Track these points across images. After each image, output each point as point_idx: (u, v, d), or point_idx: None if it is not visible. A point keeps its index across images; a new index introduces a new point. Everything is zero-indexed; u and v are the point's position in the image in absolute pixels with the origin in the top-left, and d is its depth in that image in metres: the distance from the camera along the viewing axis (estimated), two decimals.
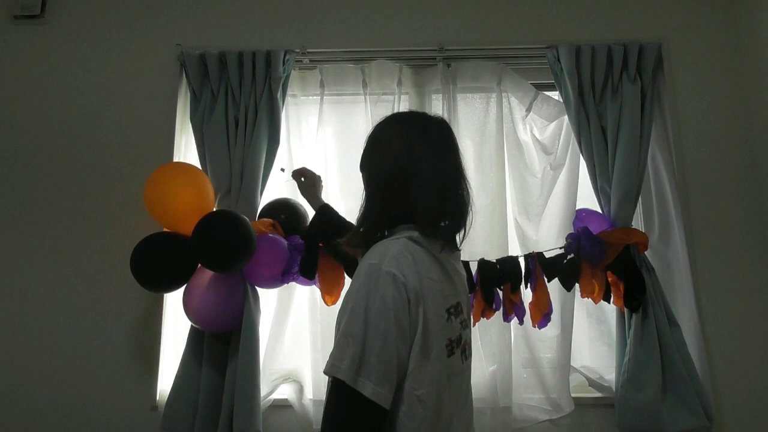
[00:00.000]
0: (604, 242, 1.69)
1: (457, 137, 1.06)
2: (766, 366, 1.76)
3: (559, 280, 1.69)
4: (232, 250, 1.50)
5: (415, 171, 0.96)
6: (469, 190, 1.02)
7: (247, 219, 1.58)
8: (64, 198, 1.89)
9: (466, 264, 1.67)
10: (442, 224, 0.98)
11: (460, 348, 0.97)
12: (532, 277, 1.68)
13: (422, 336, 0.87)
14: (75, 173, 1.91)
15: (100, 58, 1.99)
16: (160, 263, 1.56)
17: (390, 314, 0.84)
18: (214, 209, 1.76)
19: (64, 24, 2.03)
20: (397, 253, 0.90)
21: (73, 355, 1.79)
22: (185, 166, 1.72)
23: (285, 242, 1.69)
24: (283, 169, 1.80)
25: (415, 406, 0.87)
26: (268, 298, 1.80)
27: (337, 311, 0.92)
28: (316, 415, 1.72)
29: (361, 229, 1.01)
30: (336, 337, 0.89)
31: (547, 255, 1.71)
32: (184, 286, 1.63)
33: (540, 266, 1.69)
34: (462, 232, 1.03)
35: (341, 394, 0.84)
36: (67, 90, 1.97)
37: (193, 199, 1.61)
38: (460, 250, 1.06)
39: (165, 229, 1.65)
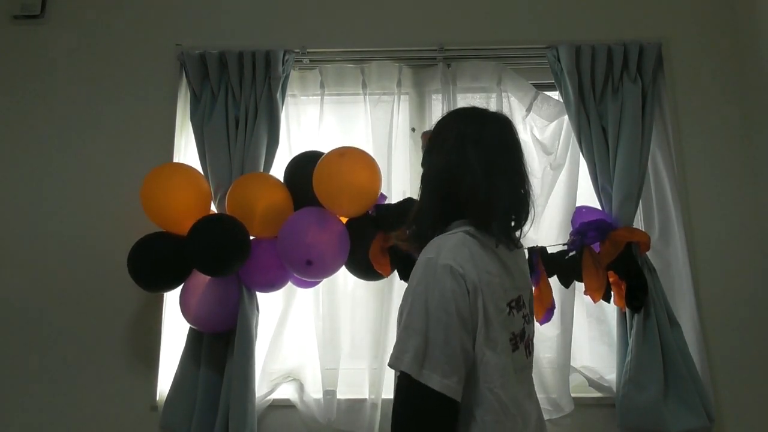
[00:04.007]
0: (604, 228, 1.69)
1: None
2: (766, 366, 1.76)
3: (557, 276, 1.69)
4: (224, 257, 1.50)
5: (466, 169, 0.95)
6: (529, 189, 1.01)
7: (242, 223, 1.56)
8: (64, 197, 1.89)
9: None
10: (496, 222, 0.96)
11: (524, 343, 0.97)
12: (535, 272, 1.67)
13: (484, 327, 0.87)
14: (74, 173, 1.91)
15: (100, 58, 1.99)
16: (155, 264, 1.57)
17: (451, 306, 0.84)
18: (215, 210, 1.77)
19: (64, 24, 2.02)
20: (453, 246, 0.91)
21: (73, 355, 1.79)
22: (181, 167, 1.72)
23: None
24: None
25: (489, 399, 0.86)
26: (270, 297, 1.81)
27: (338, 310, 0.93)
28: (319, 412, 1.73)
29: (414, 226, 1.02)
30: (397, 332, 0.90)
31: (550, 251, 1.71)
32: (181, 286, 1.63)
33: (542, 261, 1.69)
34: (522, 230, 1.03)
35: (409, 389, 0.84)
36: (67, 90, 1.97)
37: (189, 200, 1.61)
38: (521, 247, 1.06)
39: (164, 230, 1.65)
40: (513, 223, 1.00)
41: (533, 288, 1.67)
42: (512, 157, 1.00)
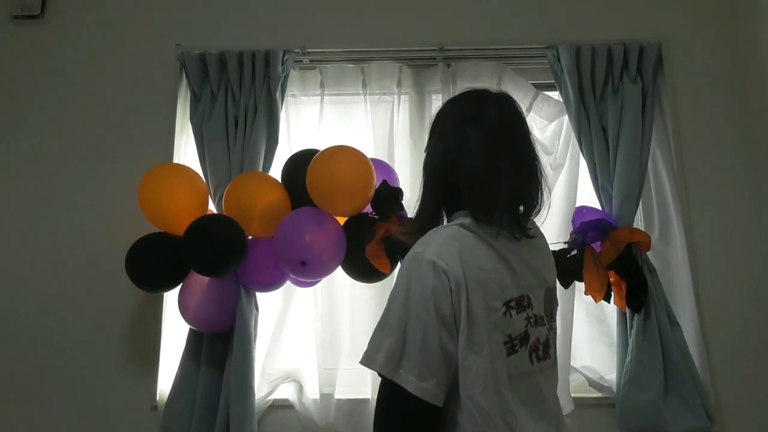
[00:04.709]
0: (604, 227, 1.69)
1: None
2: (766, 366, 1.76)
3: (557, 275, 1.69)
4: (219, 257, 1.49)
5: (465, 153, 0.89)
6: (540, 172, 0.93)
7: (238, 223, 1.56)
8: (64, 197, 1.89)
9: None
10: (498, 210, 0.88)
11: (527, 347, 0.88)
12: None
13: (467, 328, 0.81)
14: (75, 173, 1.91)
15: (100, 58, 1.99)
16: (153, 265, 1.57)
17: (430, 304, 0.80)
18: (213, 210, 1.77)
19: (64, 24, 2.03)
20: (442, 240, 0.85)
21: (73, 355, 1.79)
22: (178, 167, 1.72)
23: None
24: None
25: (468, 407, 0.80)
26: (270, 297, 1.81)
27: (337, 309, 0.89)
28: (318, 414, 1.73)
29: (417, 220, 0.97)
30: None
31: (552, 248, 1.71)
32: (179, 287, 1.63)
33: None
34: (535, 217, 0.95)
35: (385, 390, 0.81)
36: (67, 90, 1.97)
37: (186, 200, 1.61)
38: (534, 237, 0.95)
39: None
40: (523, 210, 0.92)
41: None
42: (517, 136, 0.92)
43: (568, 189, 1.83)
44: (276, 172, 1.77)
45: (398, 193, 1.62)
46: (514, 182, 0.89)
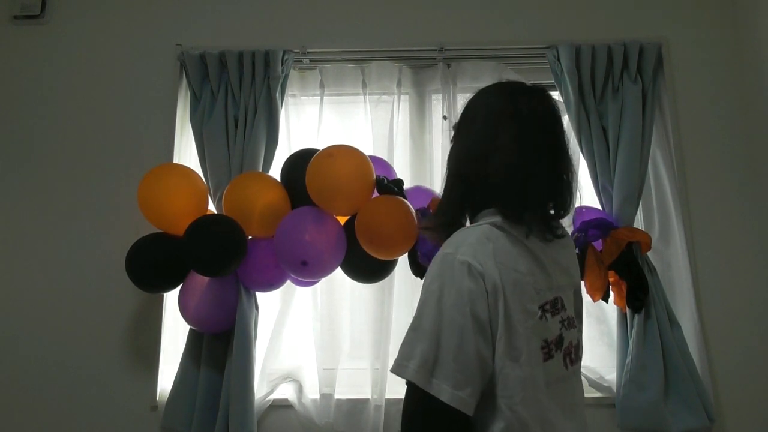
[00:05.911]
0: (605, 226, 1.69)
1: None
2: (766, 366, 1.76)
3: None
4: (219, 258, 1.49)
5: (497, 148, 0.84)
6: (572, 171, 0.89)
7: (238, 223, 1.56)
8: (64, 198, 1.89)
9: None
10: (530, 209, 0.84)
11: (561, 351, 0.85)
12: None
13: (505, 333, 0.77)
14: (75, 173, 1.91)
15: (100, 58, 2.00)
16: (153, 266, 1.57)
17: (466, 308, 0.75)
18: (213, 210, 1.77)
19: (64, 24, 2.03)
20: (474, 240, 0.80)
21: (73, 355, 1.79)
22: (177, 168, 1.72)
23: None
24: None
25: (507, 416, 0.76)
26: (269, 297, 1.81)
27: (336, 310, 0.86)
28: (317, 413, 1.73)
29: (440, 215, 0.92)
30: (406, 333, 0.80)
31: None
32: (179, 286, 1.63)
33: None
34: (564, 217, 0.91)
35: (416, 398, 0.76)
36: (67, 90, 1.97)
37: (186, 201, 1.61)
38: (563, 237, 0.91)
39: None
40: (552, 211, 0.88)
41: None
42: (552, 133, 0.88)
43: None
44: (276, 172, 1.77)
45: (399, 182, 1.62)
46: (548, 183, 0.86)
